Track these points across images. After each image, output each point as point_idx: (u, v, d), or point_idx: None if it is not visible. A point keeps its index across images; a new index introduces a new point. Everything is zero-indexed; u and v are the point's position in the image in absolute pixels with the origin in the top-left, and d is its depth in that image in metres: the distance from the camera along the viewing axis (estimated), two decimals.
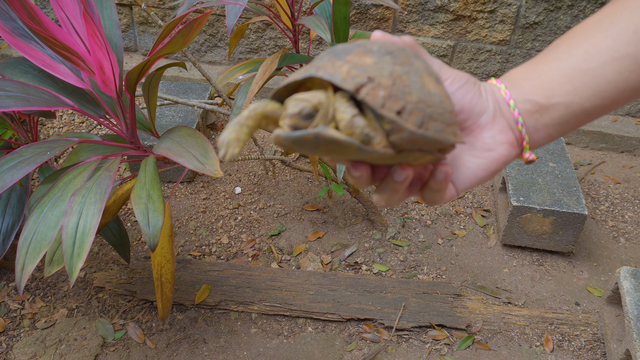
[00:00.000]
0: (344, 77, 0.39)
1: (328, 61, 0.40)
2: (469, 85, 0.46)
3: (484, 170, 0.47)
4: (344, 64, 0.40)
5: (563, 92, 0.46)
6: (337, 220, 1.85)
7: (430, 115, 0.40)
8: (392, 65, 0.40)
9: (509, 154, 0.47)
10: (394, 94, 0.39)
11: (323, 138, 0.37)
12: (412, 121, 0.39)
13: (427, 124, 0.40)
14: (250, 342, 1.46)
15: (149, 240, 1.04)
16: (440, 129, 0.41)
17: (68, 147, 1.15)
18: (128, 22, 2.46)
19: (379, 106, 0.38)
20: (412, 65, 0.41)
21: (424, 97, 0.40)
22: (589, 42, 0.46)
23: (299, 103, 0.38)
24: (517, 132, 0.47)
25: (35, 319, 1.49)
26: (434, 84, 0.42)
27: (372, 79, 0.39)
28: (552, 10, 2.17)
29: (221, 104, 1.66)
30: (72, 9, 1.13)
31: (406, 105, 0.39)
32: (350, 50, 0.41)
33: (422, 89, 0.40)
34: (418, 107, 0.40)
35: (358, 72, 0.39)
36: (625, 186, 2.07)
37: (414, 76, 0.40)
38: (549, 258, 1.75)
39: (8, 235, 1.35)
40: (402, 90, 0.39)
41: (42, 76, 1.23)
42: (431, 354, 1.46)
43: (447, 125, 0.41)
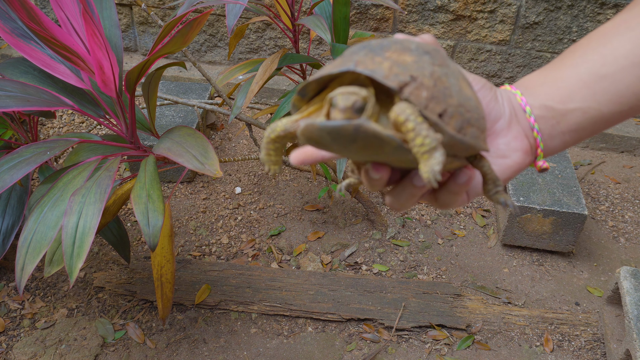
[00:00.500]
0: (387, 74, 0.36)
1: (365, 56, 0.38)
2: (486, 90, 0.46)
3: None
4: (384, 60, 0.37)
5: (580, 97, 0.45)
6: (337, 220, 1.85)
7: (469, 121, 0.39)
8: (432, 66, 0.38)
9: (522, 161, 0.46)
10: (436, 96, 0.37)
11: (364, 131, 0.34)
12: (452, 125, 0.38)
13: (466, 129, 0.39)
14: (250, 342, 1.46)
15: (149, 240, 1.04)
16: (476, 135, 0.39)
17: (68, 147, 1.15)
18: (128, 22, 2.46)
19: (422, 107, 0.36)
20: (449, 67, 0.40)
21: (463, 101, 0.39)
22: (606, 47, 0.45)
23: (351, 96, 0.35)
24: (532, 139, 0.47)
25: (35, 319, 1.49)
26: (469, 88, 0.40)
27: (415, 78, 0.37)
28: (552, 10, 2.17)
29: (221, 104, 1.66)
30: (72, 9, 1.13)
31: (447, 108, 0.37)
32: (388, 47, 0.38)
33: (460, 92, 0.39)
34: (458, 110, 0.38)
35: (400, 70, 0.37)
36: (625, 186, 2.07)
37: (453, 79, 0.39)
38: (549, 258, 1.75)
39: (8, 235, 1.35)
40: (444, 92, 0.38)
41: (42, 76, 1.23)
42: (431, 354, 1.46)
43: (481, 131, 0.40)
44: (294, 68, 1.58)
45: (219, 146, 2.17)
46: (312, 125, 0.35)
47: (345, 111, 0.35)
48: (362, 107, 0.35)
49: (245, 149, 2.17)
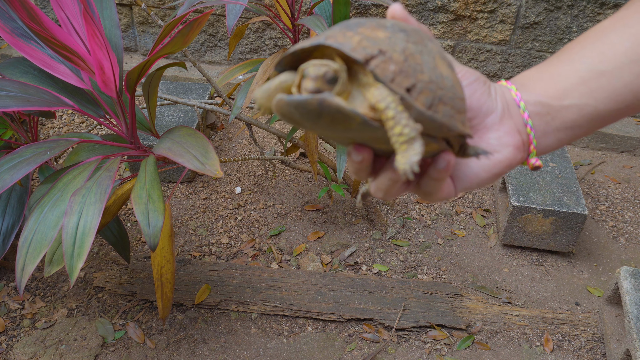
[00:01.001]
0: (354, 47, 0.36)
1: (339, 31, 0.38)
2: (479, 83, 0.45)
3: (485, 172, 0.45)
4: (355, 34, 0.37)
5: (577, 94, 0.45)
6: (337, 220, 1.85)
7: (441, 98, 0.38)
8: (405, 42, 0.38)
9: (513, 157, 0.46)
10: (405, 70, 0.37)
11: (328, 105, 0.34)
12: (421, 100, 0.37)
13: (437, 107, 0.38)
14: (250, 342, 1.46)
15: (149, 240, 1.04)
16: (449, 114, 0.39)
17: (68, 147, 1.15)
18: (128, 22, 2.46)
19: (388, 80, 0.36)
20: (425, 46, 0.39)
21: (435, 78, 0.38)
22: (604, 44, 0.45)
23: (321, 67, 0.36)
24: (525, 135, 0.46)
25: (35, 319, 1.49)
26: (446, 68, 0.40)
27: (384, 52, 0.37)
28: (552, 10, 2.17)
29: (221, 104, 1.66)
30: (72, 8, 1.13)
31: (417, 83, 0.37)
32: (363, 24, 0.39)
33: (434, 69, 0.38)
34: (429, 87, 0.37)
35: (369, 43, 0.37)
36: (625, 186, 2.07)
37: (427, 56, 0.38)
38: (549, 258, 1.75)
39: (8, 235, 1.35)
40: (414, 67, 0.37)
41: (42, 76, 1.23)
42: (431, 354, 1.46)
43: (457, 111, 0.39)
44: None
45: (219, 146, 2.17)
46: (282, 100, 0.35)
47: (317, 80, 0.35)
48: (334, 78, 0.36)
49: (245, 149, 2.17)
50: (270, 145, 2.18)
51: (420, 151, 0.34)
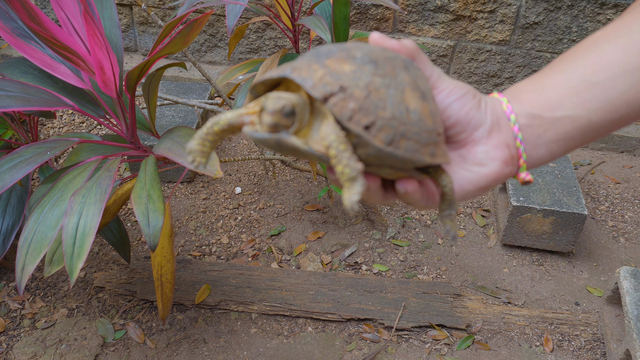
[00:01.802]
0: (315, 83, 0.37)
1: (306, 62, 0.39)
2: (468, 97, 0.45)
3: (471, 185, 0.45)
4: (320, 68, 0.38)
5: (570, 105, 0.44)
6: (337, 220, 1.85)
7: (404, 134, 0.38)
8: (371, 76, 0.38)
9: (500, 171, 0.45)
10: (365, 107, 0.37)
11: (285, 144, 0.37)
12: (380, 138, 0.37)
13: (399, 143, 0.38)
14: (250, 342, 1.46)
15: (149, 240, 1.04)
16: (413, 149, 0.39)
17: (68, 147, 1.15)
18: (128, 22, 2.46)
19: (345, 119, 0.37)
20: (395, 78, 0.39)
21: (398, 114, 0.38)
22: (596, 54, 0.44)
23: (280, 100, 0.37)
24: (514, 149, 0.45)
25: (36, 319, 1.49)
26: (416, 100, 0.40)
27: (345, 88, 0.37)
28: (552, 11, 2.17)
29: (221, 104, 1.66)
30: (72, 9, 1.13)
31: (377, 120, 0.37)
32: (332, 54, 0.39)
33: (399, 104, 0.39)
34: (390, 124, 0.38)
35: (331, 79, 0.38)
36: (625, 186, 2.08)
37: (394, 90, 0.39)
38: (549, 258, 1.75)
39: (8, 235, 1.35)
40: (376, 104, 0.38)
41: (42, 76, 1.23)
42: (431, 353, 1.46)
43: (422, 145, 0.40)
44: None
45: (219, 146, 2.18)
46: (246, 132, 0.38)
47: (274, 114, 0.37)
48: (292, 111, 0.37)
49: (245, 149, 2.17)
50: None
51: (359, 191, 0.36)
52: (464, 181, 0.45)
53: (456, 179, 0.45)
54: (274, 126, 0.37)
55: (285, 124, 0.37)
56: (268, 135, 0.37)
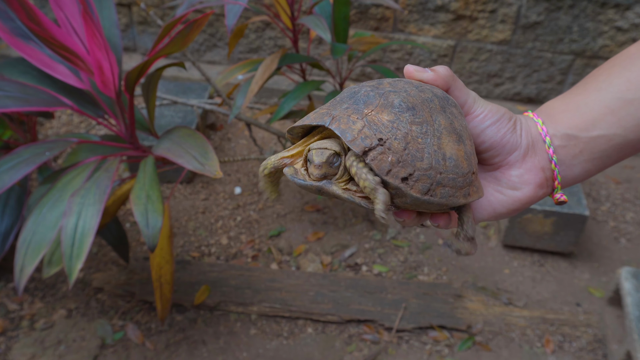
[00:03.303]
0: (355, 137, 0.39)
1: (345, 111, 0.40)
2: (503, 121, 0.45)
3: (504, 207, 0.46)
4: (359, 119, 0.40)
5: (605, 124, 0.44)
6: (337, 220, 1.84)
7: (440, 182, 0.40)
8: (409, 125, 0.40)
9: (534, 194, 0.46)
10: (404, 160, 0.39)
11: (326, 192, 0.40)
12: (417, 188, 0.39)
13: (435, 190, 0.40)
14: (250, 343, 1.46)
15: (148, 241, 1.03)
16: (448, 195, 0.41)
17: (67, 148, 1.14)
18: (127, 21, 2.45)
19: (384, 173, 0.38)
20: (432, 125, 0.40)
21: (435, 163, 0.40)
22: (631, 71, 0.44)
23: (325, 152, 0.39)
24: (549, 172, 0.46)
25: (34, 319, 1.48)
26: (452, 145, 0.41)
27: (384, 141, 0.39)
28: (552, 10, 2.16)
29: (221, 104, 1.65)
30: (71, 8, 1.12)
31: (414, 172, 0.39)
32: (371, 101, 0.41)
33: (436, 153, 0.40)
34: (427, 174, 0.39)
35: (370, 132, 0.39)
36: (627, 187, 2.07)
37: (431, 138, 0.40)
38: (550, 259, 1.74)
39: (7, 236, 1.35)
40: (414, 155, 0.39)
41: (41, 76, 1.22)
42: (432, 355, 1.45)
43: (457, 189, 0.41)
44: (294, 68, 1.58)
45: (219, 146, 2.17)
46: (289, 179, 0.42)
47: (321, 167, 0.40)
48: (338, 160, 0.40)
49: (245, 149, 2.16)
50: (270, 145, 2.18)
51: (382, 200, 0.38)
52: (497, 204, 0.46)
53: (489, 201, 0.46)
54: (322, 177, 0.40)
55: (332, 173, 0.40)
56: (310, 183, 0.41)
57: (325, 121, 0.40)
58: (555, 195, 0.47)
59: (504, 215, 0.47)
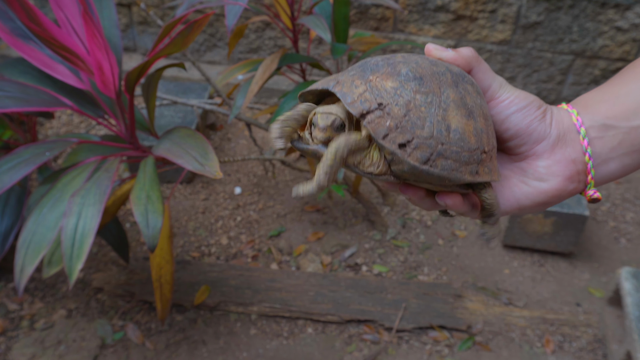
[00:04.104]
0: (354, 100, 0.39)
1: (350, 77, 0.40)
2: (531, 108, 0.43)
3: (529, 200, 0.43)
4: (363, 84, 0.39)
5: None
6: (337, 220, 1.84)
7: (441, 153, 0.39)
8: (413, 94, 0.39)
9: (562, 187, 0.43)
10: (402, 126, 0.38)
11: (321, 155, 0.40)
12: (415, 156, 0.38)
13: (435, 161, 0.39)
14: (250, 343, 1.46)
15: (148, 241, 1.03)
16: (451, 168, 0.39)
17: (67, 148, 1.14)
18: (127, 21, 2.45)
19: (380, 136, 0.38)
20: (439, 95, 0.40)
21: (437, 133, 0.39)
22: None
23: (330, 116, 0.39)
24: (581, 165, 0.43)
25: (34, 319, 1.48)
26: (459, 119, 0.40)
27: (383, 106, 0.38)
28: (552, 10, 2.16)
29: (221, 104, 1.65)
30: (71, 9, 1.12)
31: (413, 139, 0.38)
32: (378, 69, 0.40)
33: (439, 123, 0.39)
34: (427, 142, 0.38)
35: (371, 96, 0.39)
36: (627, 187, 2.07)
37: (436, 108, 0.39)
38: (550, 259, 1.74)
39: (7, 236, 1.35)
40: (414, 122, 0.38)
41: (41, 76, 1.22)
42: (432, 355, 1.45)
43: (462, 164, 0.40)
44: (294, 68, 1.58)
45: (219, 146, 2.17)
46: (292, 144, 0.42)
47: (325, 130, 0.39)
48: (342, 125, 0.40)
49: (245, 149, 2.16)
50: (270, 146, 2.17)
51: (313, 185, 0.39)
52: (522, 195, 0.44)
53: (513, 192, 0.44)
54: (327, 140, 0.39)
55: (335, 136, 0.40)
56: (308, 147, 0.41)
57: (330, 85, 0.41)
58: (587, 192, 0.44)
59: (527, 209, 0.44)
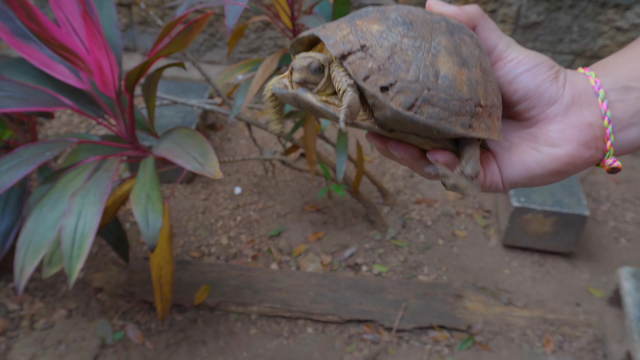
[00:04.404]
0: (336, 41, 0.37)
1: (337, 22, 0.39)
2: (542, 68, 0.39)
3: (540, 167, 0.40)
4: (348, 27, 0.38)
5: None
6: (337, 220, 1.84)
7: (428, 99, 0.36)
8: (400, 37, 0.37)
9: (577, 154, 0.39)
10: (385, 68, 0.36)
11: (301, 100, 0.37)
12: (398, 101, 0.36)
13: (421, 108, 0.36)
14: (250, 343, 1.46)
15: (148, 241, 1.03)
16: (439, 117, 0.36)
17: (67, 148, 1.14)
18: (127, 21, 2.45)
19: (360, 78, 0.36)
20: (429, 41, 0.37)
21: (423, 78, 0.36)
22: None
23: (307, 58, 0.37)
24: (599, 130, 0.39)
25: (34, 319, 1.48)
26: (450, 66, 0.37)
27: (366, 48, 0.36)
28: (552, 10, 2.16)
29: (221, 104, 1.65)
30: (71, 8, 1.12)
31: (396, 82, 0.36)
32: (367, 15, 0.38)
33: (426, 67, 0.36)
34: (412, 87, 0.36)
35: (354, 38, 0.37)
36: (626, 186, 2.07)
37: (425, 53, 0.37)
38: (550, 259, 1.74)
39: (7, 236, 1.35)
40: (398, 65, 0.36)
41: (41, 76, 1.22)
42: (432, 355, 1.45)
43: (452, 114, 0.37)
44: None
45: (218, 146, 2.17)
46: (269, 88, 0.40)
47: (301, 71, 0.37)
48: (319, 68, 0.37)
49: (245, 149, 2.16)
50: (270, 146, 2.17)
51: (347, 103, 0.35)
52: (532, 162, 0.40)
53: (523, 160, 0.40)
54: (302, 83, 0.37)
55: (314, 81, 0.37)
56: (286, 91, 0.38)
57: (317, 30, 0.39)
58: (606, 161, 0.40)
59: (539, 179, 0.40)
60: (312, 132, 1.47)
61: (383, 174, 2.05)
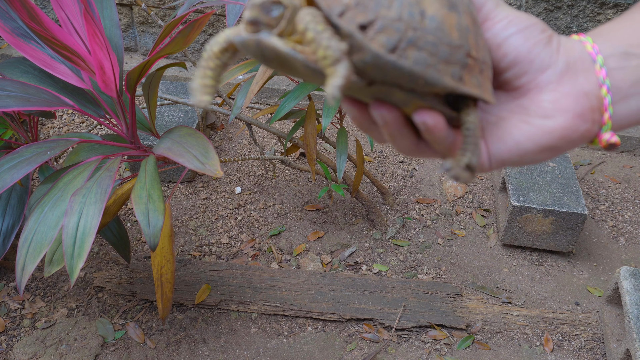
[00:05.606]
0: None
1: None
2: (533, 31, 0.35)
3: (531, 142, 0.35)
4: None
5: None
6: (337, 220, 1.85)
7: (412, 41, 0.31)
8: None
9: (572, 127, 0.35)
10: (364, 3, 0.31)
11: (265, 46, 0.31)
12: (380, 42, 0.30)
13: (406, 51, 0.31)
14: (250, 342, 1.46)
15: (149, 240, 1.04)
16: (426, 63, 0.31)
17: (68, 147, 1.15)
18: (128, 22, 2.46)
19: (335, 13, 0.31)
20: None
21: (408, 16, 0.31)
22: None
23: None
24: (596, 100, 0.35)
25: (36, 318, 1.49)
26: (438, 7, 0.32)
27: None
28: (552, 10, 2.17)
29: (221, 104, 1.66)
30: (73, 8, 1.13)
31: (376, 19, 0.31)
32: None
33: (411, 5, 0.31)
34: (395, 25, 0.31)
35: None
36: (625, 186, 2.07)
37: None
38: (549, 258, 1.75)
39: (8, 235, 1.35)
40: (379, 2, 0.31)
41: (42, 76, 1.23)
42: (431, 353, 1.46)
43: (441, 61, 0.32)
44: None
45: (219, 146, 2.17)
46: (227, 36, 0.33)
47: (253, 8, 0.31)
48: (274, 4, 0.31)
49: (245, 149, 2.17)
50: (270, 145, 2.18)
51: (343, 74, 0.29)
52: (522, 137, 0.36)
53: (512, 134, 0.36)
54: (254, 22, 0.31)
55: (268, 22, 0.31)
56: (247, 37, 0.31)
57: None
58: (603, 136, 0.36)
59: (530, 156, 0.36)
60: (312, 131, 1.48)
61: (383, 173, 2.06)
